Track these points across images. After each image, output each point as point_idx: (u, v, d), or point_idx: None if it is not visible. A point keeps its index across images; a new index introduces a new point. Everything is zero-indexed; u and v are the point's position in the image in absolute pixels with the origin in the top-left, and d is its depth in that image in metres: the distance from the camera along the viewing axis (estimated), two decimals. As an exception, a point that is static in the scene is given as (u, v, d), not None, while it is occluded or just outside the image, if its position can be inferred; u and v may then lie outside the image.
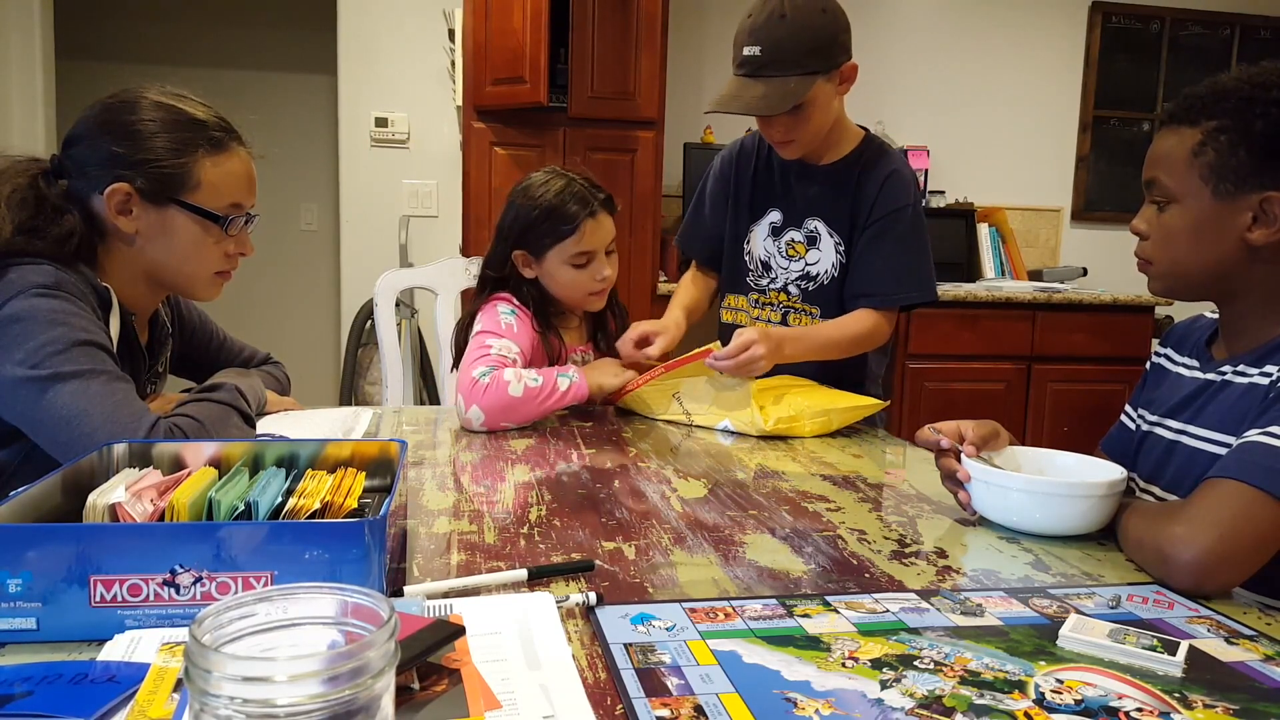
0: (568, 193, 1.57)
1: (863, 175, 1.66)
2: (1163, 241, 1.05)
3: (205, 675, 0.39)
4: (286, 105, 4.55)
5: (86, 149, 1.17)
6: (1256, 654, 0.70)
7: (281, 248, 4.62)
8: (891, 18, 3.95)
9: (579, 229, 1.56)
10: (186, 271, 1.23)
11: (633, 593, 0.80)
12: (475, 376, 1.44)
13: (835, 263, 1.67)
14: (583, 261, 1.58)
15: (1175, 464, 1.07)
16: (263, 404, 1.36)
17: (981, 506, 1.03)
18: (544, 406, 1.47)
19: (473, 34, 3.08)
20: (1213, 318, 1.13)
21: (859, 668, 0.65)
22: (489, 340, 1.51)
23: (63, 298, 1.08)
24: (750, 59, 1.51)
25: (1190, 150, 1.00)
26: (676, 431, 1.49)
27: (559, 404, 1.48)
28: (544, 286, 1.62)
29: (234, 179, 1.21)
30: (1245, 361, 1.01)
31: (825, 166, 1.68)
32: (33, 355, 1.04)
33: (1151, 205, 1.06)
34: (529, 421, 1.48)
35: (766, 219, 1.72)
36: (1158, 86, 4.16)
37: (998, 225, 3.94)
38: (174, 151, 1.16)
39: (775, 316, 1.72)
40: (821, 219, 1.68)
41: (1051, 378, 3.50)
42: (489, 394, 1.43)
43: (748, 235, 1.74)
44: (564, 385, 1.48)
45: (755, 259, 1.74)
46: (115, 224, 1.16)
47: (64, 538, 0.66)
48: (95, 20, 4.37)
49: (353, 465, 0.91)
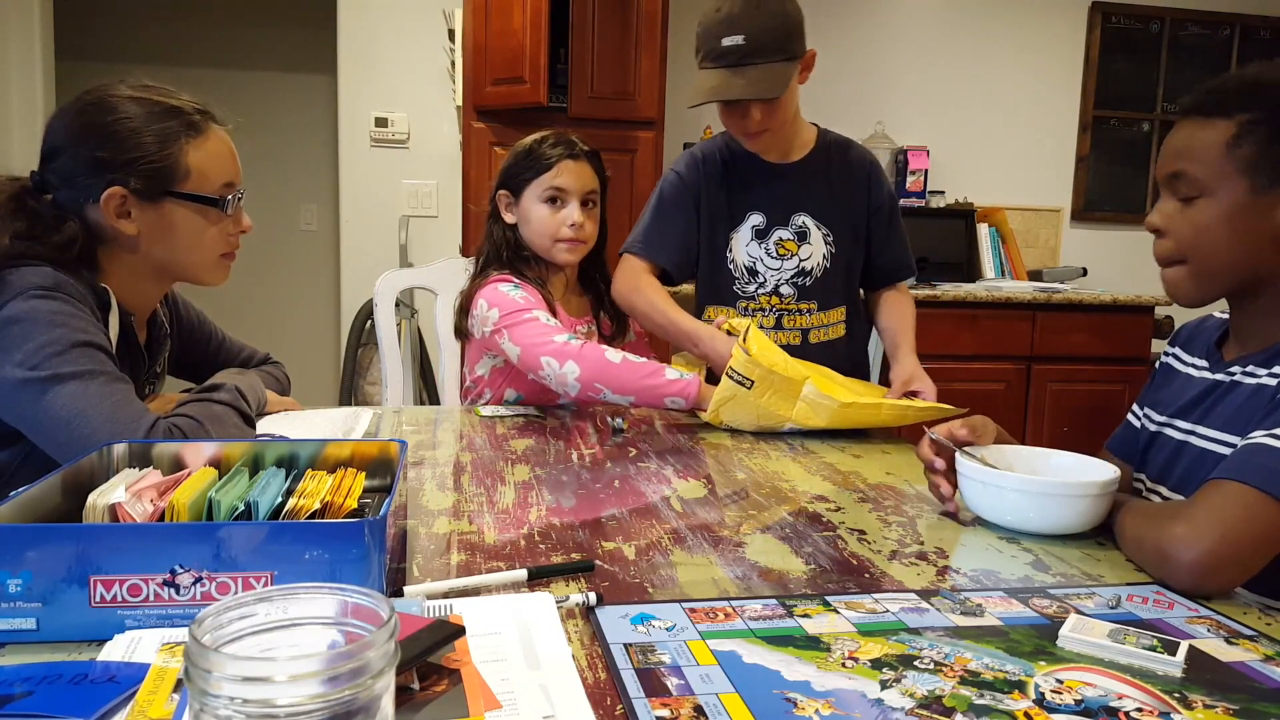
0: (553, 136, 1.66)
1: (842, 164, 1.72)
2: (1192, 236, 1.01)
3: (205, 675, 0.39)
4: (286, 105, 4.55)
5: (69, 160, 1.16)
6: (1256, 654, 0.70)
7: (281, 248, 4.62)
8: (891, 18, 3.95)
9: (556, 166, 1.62)
10: (194, 260, 1.23)
11: (633, 593, 0.80)
12: (561, 341, 1.47)
13: (825, 254, 1.70)
14: (554, 197, 1.62)
15: (1183, 465, 1.06)
16: (263, 404, 1.36)
17: (976, 506, 1.03)
18: (644, 384, 1.45)
19: (473, 34, 3.08)
20: (1222, 318, 1.12)
21: (859, 668, 0.65)
22: (527, 316, 1.53)
23: (61, 299, 1.08)
24: (734, 49, 1.51)
25: (1225, 142, 0.97)
26: (677, 432, 1.49)
27: (664, 391, 1.45)
28: (520, 235, 1.67)
29: (220, 159, 1.21)
30: (1255, 362, 1.01)
31: (798, 162, 1.70)
32: (32, 356, 1.04)
33: (1172, 200, 1.03)
34: (627, 398, 1.46)
35: (747, 223, 1.70)
36: (1157, 87, 4.15)
37: (998, 225, 3.94)
38: (159, 145, 1.15)
39: (768, 322, 1.71)
40: (808, 213, 1.69)
41: (1051, 378, 3.49)
42: (585, 355, 1.45)
43: (728, 243, 1.72)
44: (671, 374, 1.47)
45: (740, 266, 1.71)
46: (116, 228, 1.16)
47: (64, 538, 0.66)
48: (95, 21, 4.37)
49: (352, 465, 0.91)
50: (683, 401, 1.46)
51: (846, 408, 1.43)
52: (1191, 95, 1.02)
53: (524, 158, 1.65)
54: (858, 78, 3.95)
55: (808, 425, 1.45)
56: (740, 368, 1.44)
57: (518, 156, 1.67)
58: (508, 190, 1.67)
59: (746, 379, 1.43)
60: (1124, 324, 3.51)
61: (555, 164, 1.62)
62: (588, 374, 1.45)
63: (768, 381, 1.43)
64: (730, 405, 1.45)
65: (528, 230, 1.66)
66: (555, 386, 1.51)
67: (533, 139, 1.67)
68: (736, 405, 1.45)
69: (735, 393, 1.44)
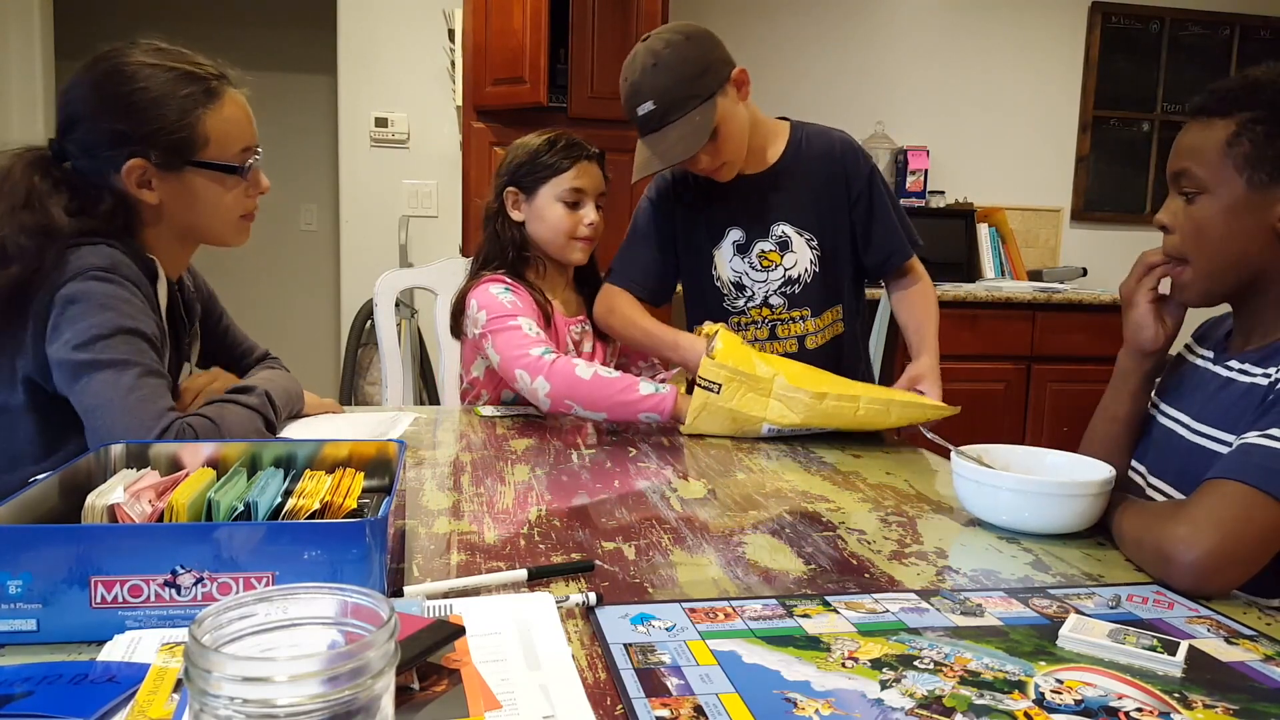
0: (565, 138, 1.67)
1: (817, 159, 1.68)
2: (1194, 233, 1.03)
3: (205, 675, 0.39)
4: (286, 105, 4.55)
5: (88, 132, 1.16)
6: (1256, 654, 0.70)
7: (281, 248, 4.62)
8: (891, 18, 3.95)
9: (575, 167, 1.63)
10: (215, 224, 1.24)
11: (633, 593, 0.80)
12: (536, 355, 1.47)
13: (813, 259, 1.68)
14: (574, 199, 1.63)
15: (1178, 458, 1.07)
16: (298, 406, 1.36)
17: (972, 506, 1.04)
18: (616, 400, 1.44)
19: (473, 34, 3.08)
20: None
21: (859, 668, 0.65)
22: (511, 323, 1.53)
23: (118, 282, 1.11)
24: (648, 116, 1.51)
25: (1224, 140, 0.99)
26: (677, 432, 1.49)
27: (638, 407, 1.44)
28: (528, 233, 1.66)
29: (238, 125, 1.22)
30: (1251, 359, 1.02)
31: (770, 170, 1.67)
32: (80, 335, 1.07)
33: (1178, 199, 1.05)
34: (599, 414, 1.46)
35: (728, 239, 1.68)
36: (1157, 87, 4.15)
37: (997, 225, 3.94)
38: (179, 115, 1.15)
39: (762, 334, 1.70)
40: (786, 221, 1.66)
41: (1051, 378, 3.50)
42: (555, 371, 1.45)
43: (711, 261, 1.70)
44: (646, 389, 1.44)
45: (725, 282, 1.70)
46: (139, 198, 1.17)
47: (65, 539, 0.66)
48: (95, 20, 4.36)
49: (350, 465, 0.91)
50: (658, 417, 1.44)
51: (820, 400, 1.39)
52: (1198, 96, 1.04)
53: (541, 154, 1.64)
54: (858, 78, 3.95)
55: (784, 424, 1.40)
56: (707, 374, 1.42)
57: (529, 155, 1.65)
58: (518, 188, 1.66)
59: (713, 384, 1.41)
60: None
61: (573, 165, 1.63)
62: (557, 390, 1.45)
63: (736, 383, 1.41)
64: (705, 415, 1.43)
65: (540, 228, 1.66)
66: (527, 399, 1.52)
67: (542, 139, 1.67)
68: (710, 414, 1.42)
69: (707, 400, 1.42)
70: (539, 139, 1.67)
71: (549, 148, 1.65)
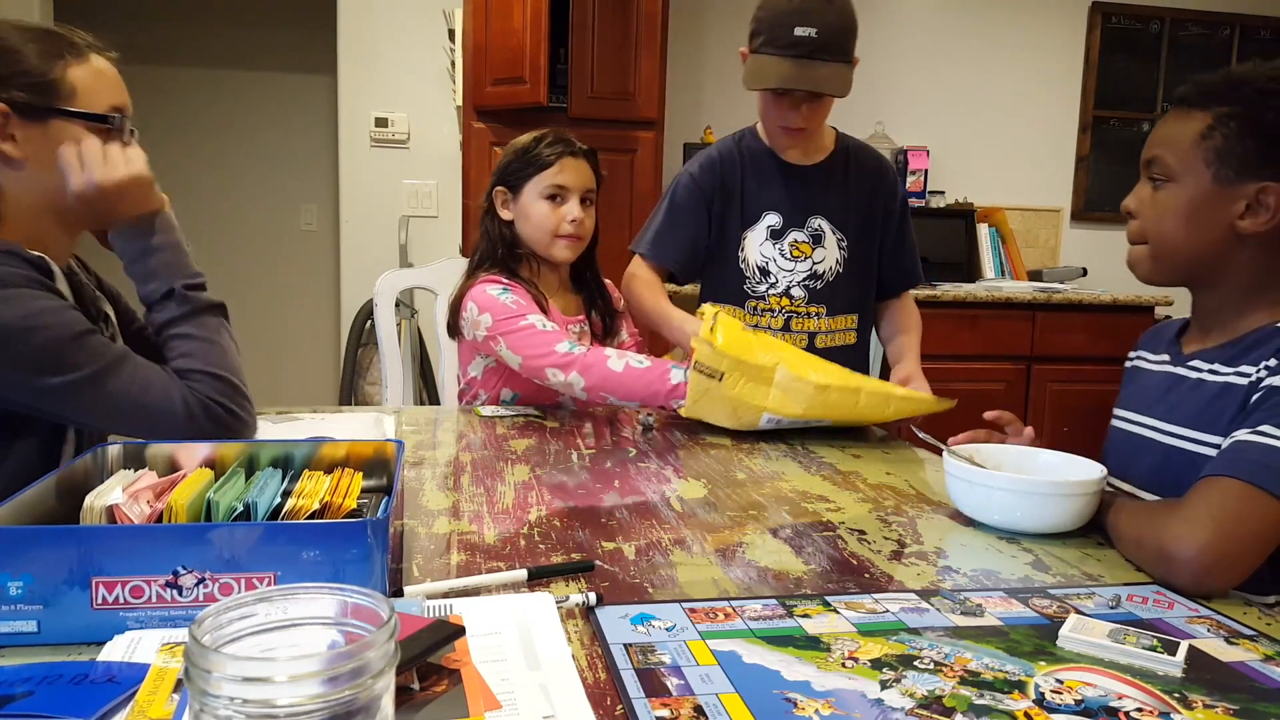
0: (552, 135, 1.68)
1: (859, 169, 1.73)
2: (1155, 218, 1.06)
3: (205, 675, 0.39)
4: (286, 105, 4.55)
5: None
6: (1256, 654, 0.70)
7: (281, 248, 4.62)
8: (891, 18, 3.95)
9: (558, 163, 1.64)
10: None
11: (632, 593, 0.80)
12: (563, 351, 1.49)
13: (840, 259, 1.72)
14: (555, 194, 1.64)
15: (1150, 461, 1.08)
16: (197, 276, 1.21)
17: (965, 505, 1.04)
18: (651, 390, 1.46)
19: (473, 34, 3.08)
20: (1181, 319, 1.16)
21: (859, 668, 0.65)
22: (521, 323, 1.54)
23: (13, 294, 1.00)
24: (805, 40, 1.51)
25: (1198, 133, 1.01)
26: (677, 432, 1.49)
27: (673, 394, 1.45)
28: (517, 232, 1.68)
29: (106, 80, 1.15)
30: (1218, 359, 1.03)
31: (819, 164, 1.71)
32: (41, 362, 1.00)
33: (1147, 183, 1.08)
34: (633, 403, 1.50)
35: (763, 223, 1.71)
36: (1158, 87, 4.15)
37: (998, 225, 3.93)
38: (41, 60, 1.09)
39: (776, 323, 1.71)
40: (824, 216, 1.70)
41: (1051, 378, 3.49)
42: (590, 364, 1.47)
43: (741, 242, 1.72)
44: (677, 376, 1.46)
45: (751, 265, 1.72)
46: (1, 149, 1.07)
47: (66, 540, 0.66)
48: (95, 20, 4.34)
49: (348, 465, 0.91)
50: (685, 402, 1.46)
51: (824, 391, 1.38)
52: (1182, 87, 1.06)
53: (523, 155, 1.66)
54: (858, 78, 3.90)
55: (785, 414, 1.39)
56: (706, 360, 1.40)
57: (516, 153, 1.67)
58: (505, 187, 1.68)
59: (715, 371, 1.40)
60: (1124, 324, 3.50)
61: (556, 161, 1.64)
62: (592, 384, 1.48)
63: (738, 371, 1.39)
64: (705, 400, 1.42)
65: (526, 226, 1.66)
66: (561, 391, 1.54)
67: (530, 137, 1.68)
68: (710, 400, 1.42)
69: (708, 387, 1.41)
70: (528, 137, 1.69)
71: (535, 144, 1.66)
